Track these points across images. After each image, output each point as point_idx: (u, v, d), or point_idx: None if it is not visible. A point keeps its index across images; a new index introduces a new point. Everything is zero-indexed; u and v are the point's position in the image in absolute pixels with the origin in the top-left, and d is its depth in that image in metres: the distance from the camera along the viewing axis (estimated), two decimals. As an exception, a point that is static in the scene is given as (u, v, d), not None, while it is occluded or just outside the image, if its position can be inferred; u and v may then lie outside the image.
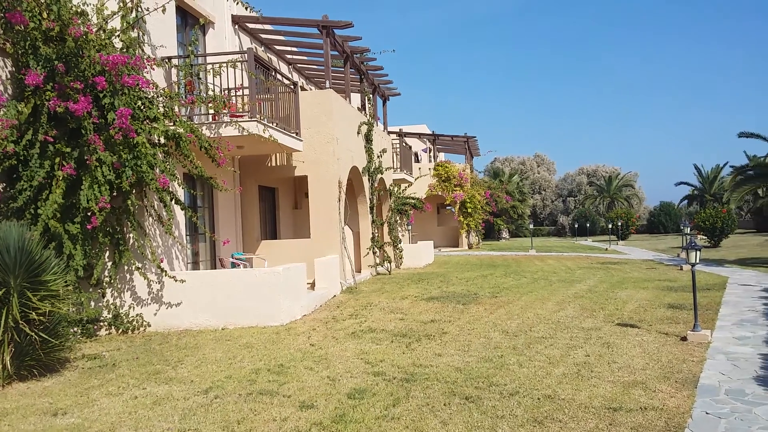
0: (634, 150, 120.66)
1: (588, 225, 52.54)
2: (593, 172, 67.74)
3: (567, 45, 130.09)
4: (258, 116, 11.59)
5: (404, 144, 25.88)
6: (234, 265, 12.98)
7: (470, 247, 32.84)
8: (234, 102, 11.84)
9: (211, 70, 11.45)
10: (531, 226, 36.51)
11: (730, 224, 33.14)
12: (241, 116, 11.51)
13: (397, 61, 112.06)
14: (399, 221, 21.46)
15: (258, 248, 15.04)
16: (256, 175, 15.33)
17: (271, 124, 12.13)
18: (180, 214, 11.36)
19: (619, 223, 42.24)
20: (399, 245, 20.09)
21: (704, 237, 33.79)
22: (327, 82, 15.65)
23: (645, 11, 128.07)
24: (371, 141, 17.97)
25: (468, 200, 31.57)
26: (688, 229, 24.65)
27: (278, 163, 15.06)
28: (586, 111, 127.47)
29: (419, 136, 34.38)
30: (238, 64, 11.70)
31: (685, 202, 55.80)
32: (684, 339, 9.30)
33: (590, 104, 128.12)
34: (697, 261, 9.91)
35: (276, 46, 17.87)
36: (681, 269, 19.53)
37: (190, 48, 11.40)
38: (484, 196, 33.17)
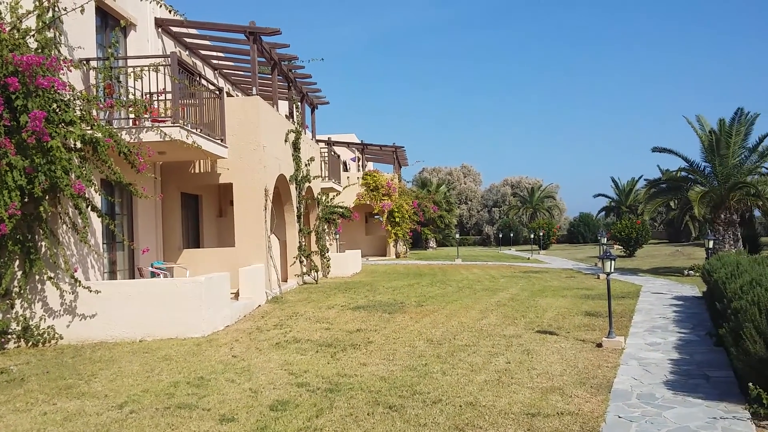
0: (555, 163, 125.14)
1: (512, 235, 53.92)
2: (517, 184, 69.64)
3: (492, 58, 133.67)
4: (181, 122, 11.30)
5: (333, 153, 25.85)
6: (154, 275, 12.57)
7: (398, 256, 33.08)
8: (156, 107, 11.50)
9: (132, 74, 11.10)
10: (457, 236, 37.14)
11: (645, 235, 34.74)
12: (164, 121, 11.19)
13: (326, 71, 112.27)
14: (327, 230, 21.38)
15: (180, 257, 14.62)
16: (178, 181, 14.93)
17: (194, 130, 11.85)
18: (96, 222, 10.92)
19: (541, 233, 43.57)
20: (326, 254, 20.00)
21: (620, 247, 35.27)
22: (254, 88, 15.45)
23: (568, 26, 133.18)
24: (299, 149, 17.85)
25: (396, 210, 31.85)
26: (605, 239, 25.66)
27: (202, 170, 14.72)
28: (510, 123, 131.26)
29: (348, 145, 34.43)
30: (161, 67, 11.38)
31: (603, 213, 58.06)
32: (599, 345, 9.66)
33: (514, 117, 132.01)
34: (612, 270, 10.33)
35: (201, 51, 17.51)
36: (598, 278, 20.31)
37: (110, 50, 11.01)
38: (411, 206, 33.54)
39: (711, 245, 18.24)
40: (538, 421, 6.20)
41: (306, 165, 18.61)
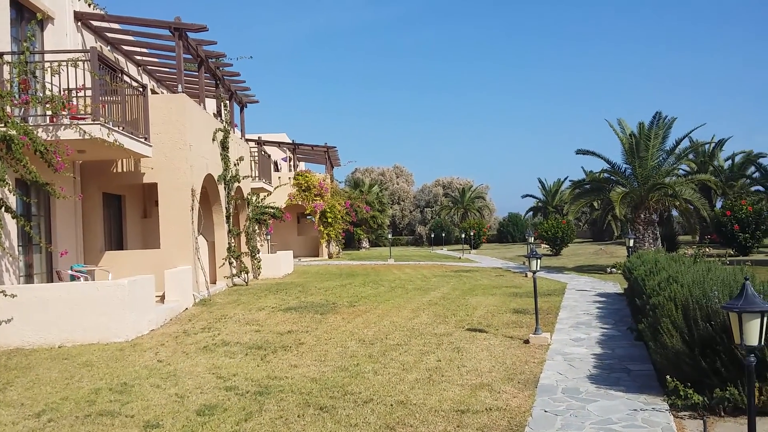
0: (485, 164, 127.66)
1: (444, 234, 54.69)
2: (449, 184, 70.65)
3: (423, 58, 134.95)
4: (102, 119, 10.85)
5: (263, 152, 25.46)
6: (74, 278, 12.02)
7: (330, 256, 32.94)
8: (75, 103, 10.99)
9: (50, 69, 10.59)
10: (390, 236, 37.34)
11: (570, 234, 35.91)
12: (83, 119, 10.71)
13: (257, 70, 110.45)
14: (257, 231, 21.04)
15: (101, 260, 14.04)
16: (100, 181, 14.33)
17: (116, 128, 11.40)
18: (11, 224, 10.35)
19: (472, 233, 44.35)
20: (257, 255, 19.68)
21: (547, 246, 36.33)
22: (180, 86, 15.02)
23: (500, 25, 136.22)
24: (227, 148, 17.48)
25: (328, 210, 31.70)
26: (532, 238, 26.39)
27: (125, 169, 14.19)
28: (442, 124, 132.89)
29: (279, 144, 34.00)
30: (80, 63, 10.89)
31: (531, 213, 59.68)
32: (527, 342, 9.89)
33: (446, 118, 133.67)
34: (539, 268, 10.61)
35: (124, 47, 16.89)
36: (526, 276, 20.81)
37: (25, 44, 10.45)
38: (344, 206, 33.47)
39: (632, 244, 19.00)
40: (468, 418, 6.28)
41: (235, 164, 18.25)
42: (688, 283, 7.52)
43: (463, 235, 42.01)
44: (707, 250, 20.38)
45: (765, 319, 4.16)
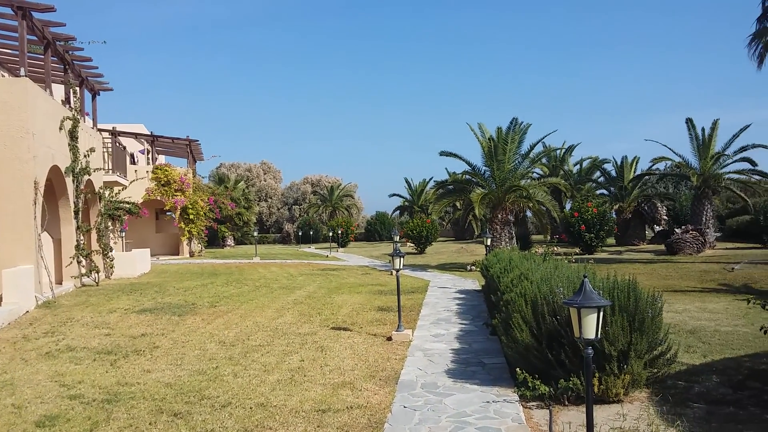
0: (354, 162, 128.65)
1: (312, 233, 54.51)
2: (317, 182, 70.57)
3: (290, 55, 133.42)
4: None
5: (118, 144, 23.95)
6: None
7: (192, 255, 31.65)
8: None
9: None
10: (256, 234, 36.55)
11: (434, 233, 37.10)
12: None
13: (114, 56, 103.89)
14: (111, 227, 19.74)
15: (-74, 259, 12.54)
16: (-75, 170, 12.79)
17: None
18: None
19: (340, 231, 44.57)
20: (109, 254, 18.47)
21: (412, 244, 37.28)
22: (22, 69, 13.74)
23: (370, 26, 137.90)
24: (77, 138, 16.23)
25: (190, 206, 30.43)
26: (398, 237, 26.95)
27: (-45, 158, 12.76)
28: (310, 122, 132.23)
29: (136, 136, 32.09)
30: None
31: (398, 212, 60.96)
32: (389, 339, 10.04)
33: (314, 115, 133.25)
34: (402, 267, 10.82)
35: (-42, 23, 15.20)
36: (392, 274, 21.19)
37: None
38: (207, 203, 32.26)
39: (489, 242, 19.95)
40: (328, 417, 6.24)
41: (85, 156, 17.00)
42: (538, 281, 7.97)
43: (331, 234, 42.08)
44: (556, 249, 21.81)
45: (601, 313, 4.46)
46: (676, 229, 27.26)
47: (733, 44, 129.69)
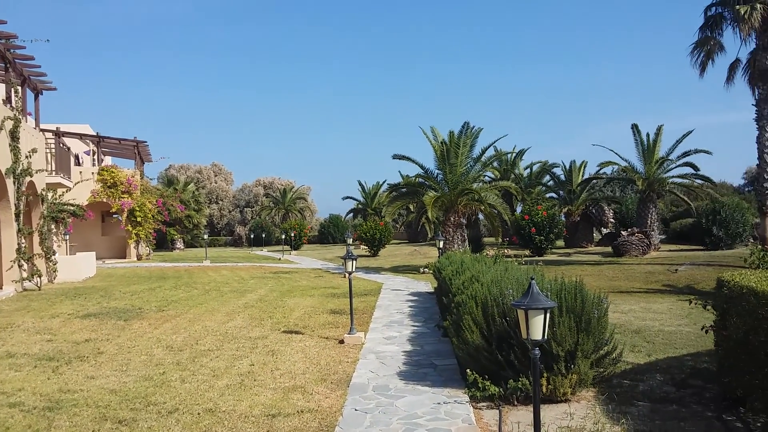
0: (307, 164, 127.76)
1: (264, 235, 53.89)
2: (270, 184, 69.88)
3: (240, 55, 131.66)
4: None
5: (62, 144, 23.23)
6: None
7: (140, 258, 30.91)
8: None
9: None
10: (207, 237, 35.97)
11: (387, 235, 37.14)
12: None
13: (60, 55, 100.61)
14: (54, 230, 19.12)
15: None
16: None
17: None
18: None
19: (293, 234, 44.19)
20: (53, 257, 17.88)
21: (366, 247, 37.25)
22: (-41, 65, 13.21)
23: (326, 29, 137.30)
24: (18, 138, 15.66)
25: (137, 208, 29.70)
26: (351, 239, 26.89)
27: None
28: (262, 123, 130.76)
29: (81, 136, 31.16)
30: None
31: (351, 214, 60.84)
32: (342, 342, 10.00)
33: (266, 117, 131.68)
34: (354, 269, 10.79)
35: None
36: (345, 277, 21.13)
37: None
38: (156, 205, 31.55)
39: (441, 245, 20.07)
40: (278, 422, 6.17)
41: (27, 157, 16.41)
42: (488, 283, 8.05)
43: (283, 236, 41.70)
44: (506, 251, 22.14)
45: (548, 315, 4.53)
46: (623, 232, 28.00)
47: (678, 53, 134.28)
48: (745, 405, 6.12)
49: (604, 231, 35.73)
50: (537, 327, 4.48)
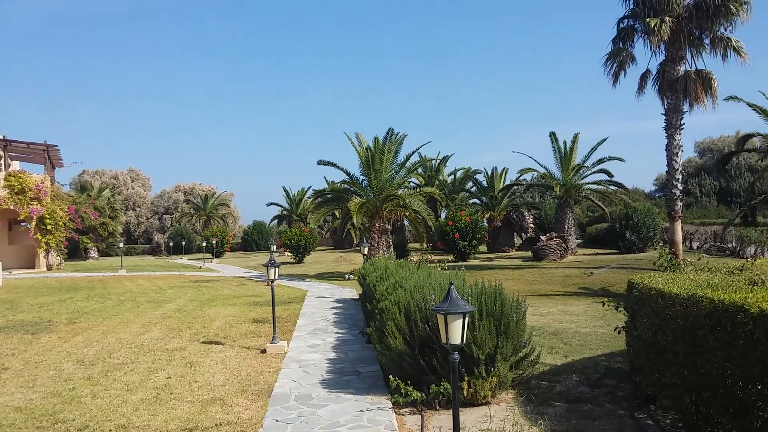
0: (230, 170, 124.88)
1: (184, 243, 52.36)
2: (190, 190, 68.09)
3: (160, 56, 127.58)
4: None
5: (-35, 148, 21.81)
6: None
7: (50, 268, 29.39)
8: None
9: None
10: (123, 245, 34.59)
11: (312, 242, 36.85)
12: None
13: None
14: (-46, 239, 17.92)
15: None
16: None
17: None
18: None
19: (215, 241, 43.13)
20: (-47, 268, 16.74)
21: (290, 254, 36.81)
22: None
23: (265, 32, 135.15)
24: None
25: (48, 216, 28.22)
26: (275, 246, 26.53)
27: None
28: (181, 128, 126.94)
29: (-15, 141, 29.47)
30: None
31: (276, 221, 60.04)
32: (264, 351, 9.80)
33: (185, 122, 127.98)
34: (277, 277, 10.62)
35: None
36: (268, 285, 20.71)
37: None
38: (67, 212, 30.08)
39: (367, 251, 20.10)
40: (196, 437, 5.95)
41: (-76, 160, 15.33)
42: (411, 288, 8.08)
43: (205, 244, 40.67)
44: (430, 256, 22.35)
45: (467, 319, 4.57)
46: (542, 237, 28.88)
47: (593, 63, 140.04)
48: (655, 403, 6.39)
49: (525, 236, 36.74)
50: (456, 331, 4.51)
